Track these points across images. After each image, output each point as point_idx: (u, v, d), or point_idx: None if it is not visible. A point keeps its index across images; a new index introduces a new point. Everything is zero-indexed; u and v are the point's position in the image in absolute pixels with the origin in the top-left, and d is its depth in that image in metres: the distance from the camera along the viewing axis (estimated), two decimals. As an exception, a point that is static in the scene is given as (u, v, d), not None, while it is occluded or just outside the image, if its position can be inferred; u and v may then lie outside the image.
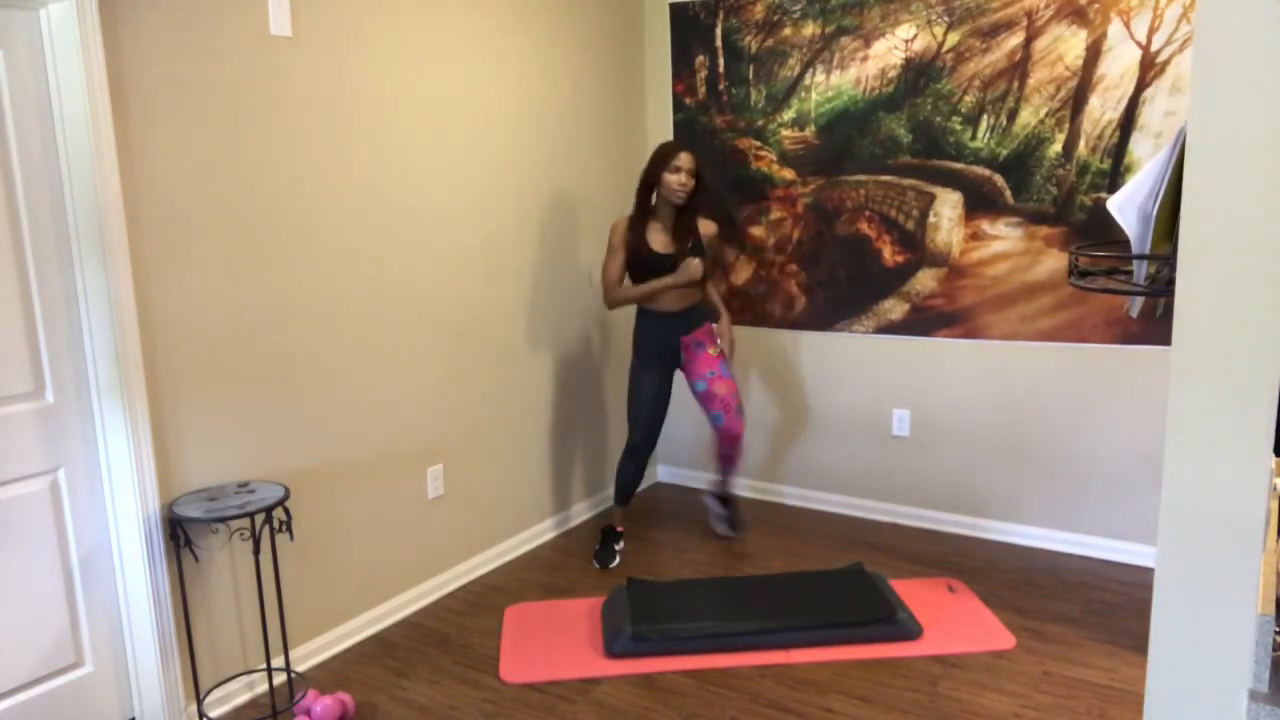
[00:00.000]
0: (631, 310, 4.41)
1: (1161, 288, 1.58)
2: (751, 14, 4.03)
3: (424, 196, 3.26)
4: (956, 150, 3.66)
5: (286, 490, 2.61)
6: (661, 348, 3.62)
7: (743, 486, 4.44)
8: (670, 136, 4.35)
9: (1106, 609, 3.21)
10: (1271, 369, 1.21)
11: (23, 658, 2.40)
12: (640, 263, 3.51)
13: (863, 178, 3.88)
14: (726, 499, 3.94)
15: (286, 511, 2.60)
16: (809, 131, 3.98)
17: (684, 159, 3.43)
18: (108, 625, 2.57)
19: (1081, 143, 3.43)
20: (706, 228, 3.61)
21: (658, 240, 3.53)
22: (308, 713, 2.59)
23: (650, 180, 3.49)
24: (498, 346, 3.64)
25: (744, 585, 3.30)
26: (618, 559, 3.70)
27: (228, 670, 2.76)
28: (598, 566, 3.64)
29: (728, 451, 3.76)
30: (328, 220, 2.93)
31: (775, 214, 4.12)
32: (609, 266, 3.53)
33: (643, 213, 3.53)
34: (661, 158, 3.45)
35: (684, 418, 4.55)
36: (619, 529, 3.75)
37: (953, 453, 3.88)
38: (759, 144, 4.11)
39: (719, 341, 3.69)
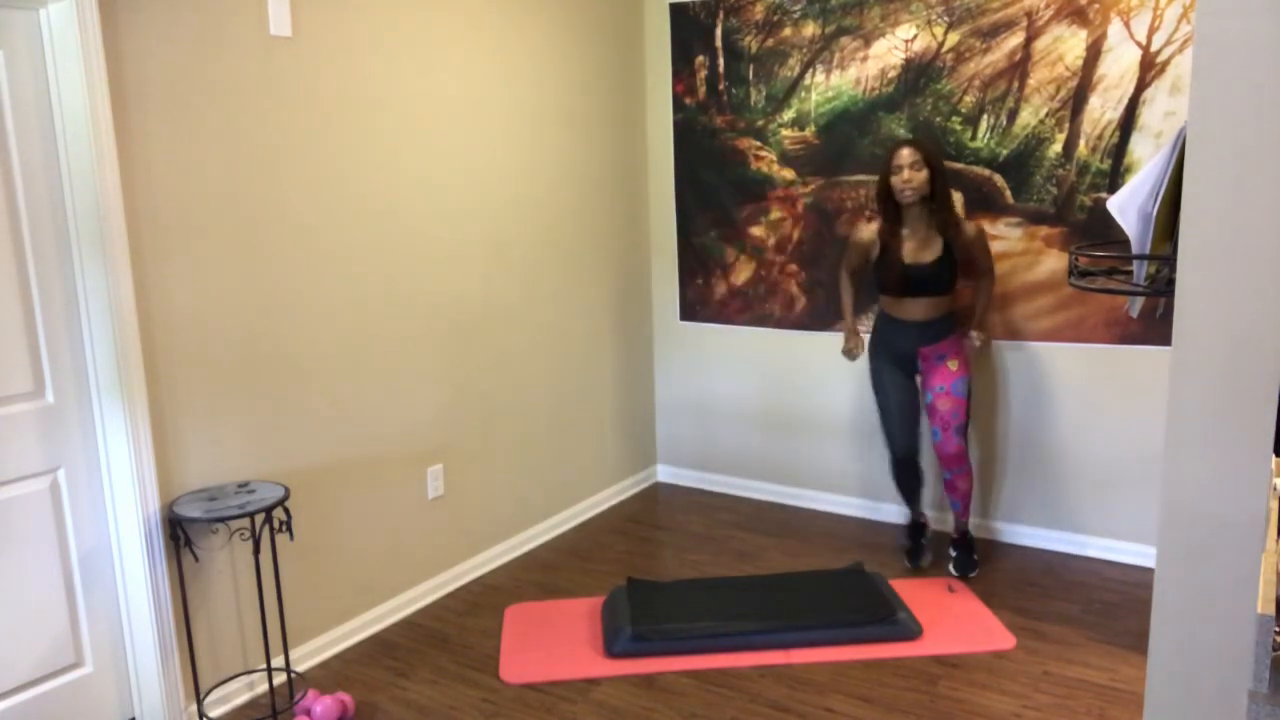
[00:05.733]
0: (624, 312, 4.41)
1: (1161, 288, 1.58)
2: (751, 14, 4.03)
3: (423, 196, 3.26)
4: (956, 150, 3.66)
5: (286, 490, 2.61)
6: (896, 354, 3.45)
7: (746, 486, 4.44)
8: (670, 136, 4.35)
9: (1106, 609, 3.21)
10: (1271, 369, 1.21)
11: (23, 658, 2.40)
12: (891, 275, 3.34)
13: (863, 178, 3.88)
14: (960, 540, 3.56)
15: (286, 511, 2.60)
16: (809, 131, 3.98)
17: (901, 156, 3.23)
18: (108, 625, 2.57)
19: (1081, 143, 3.43)
20: (969, 228, 3.34)
21: (910, 249, 3.32)
22: (308, 713, 2.59)
23: (884, 188, 3.32)
24: (498, 346, 3.64)
25: (744, 585, 3.30)
26: (928, 555, 3.63)
27: (228, 670, 2.76)
28: (909, 565, 3.58)
29: (949, 478, 3.46)
30: (328, 220, 2.93)
31: (775, 214, 4.12)
32: (844, 258, 3.60)
33: (890, 223, 3.35)
34: (885, 162, 3.30)
35: (682, 418, 4.55)
36: (922, 521, 3.65)
37: (953, 453, 3.88)
38: (759, 144, 4.10)
39: (975, 346, 3.40)
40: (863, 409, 4.05)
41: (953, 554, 3.55)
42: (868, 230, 3.44)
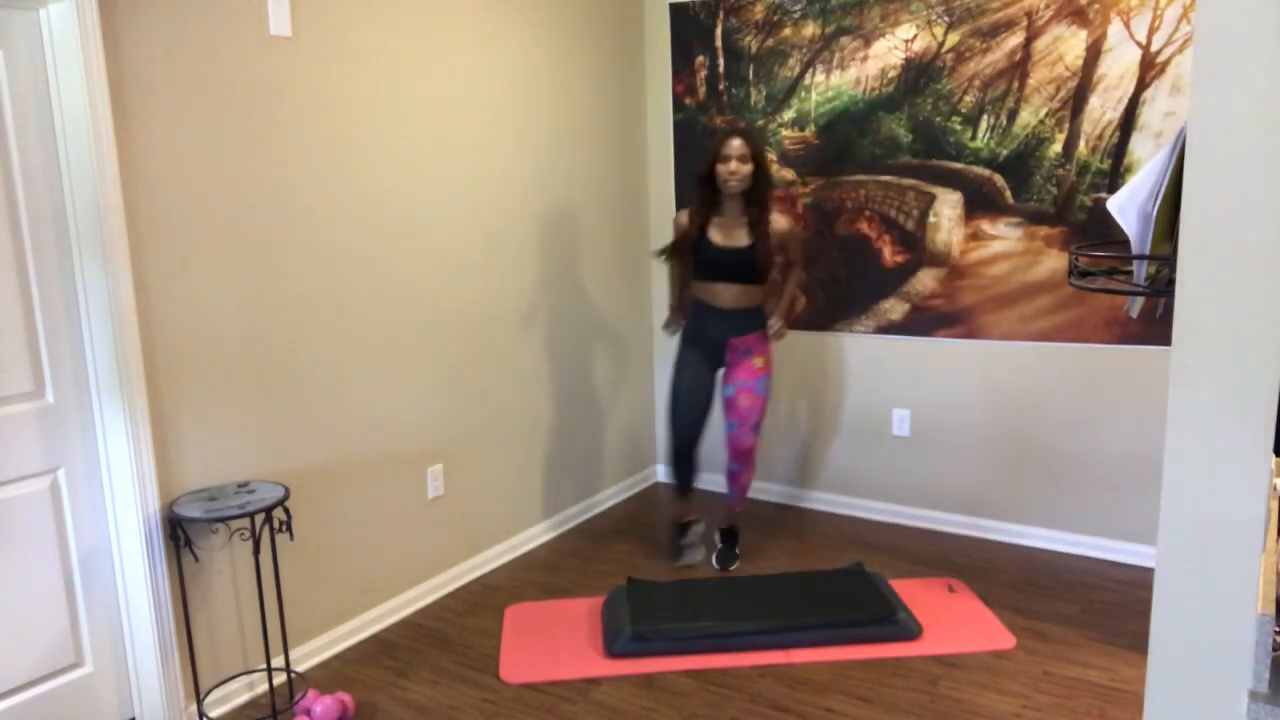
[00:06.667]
0: (624, 313, 4.41)
1: (1161, 288, 1.58)
2: (751, 14, 4.03)
3: (424, 197, 3.26)
4: (956, 150, 3.66)
5: (286, 490, 2.61)
6: (706, 342, 3.47)
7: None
8: (670, 136, 4.35)
9: (1106, 609, 3.21)
10: (1271, 369, 1.21)
11: (23, 658, 2.40)
12: (702, 257, 3.39)
13: (863, 178, 3.88)
14: (729, 531, 3.70)
15: (286, 511, 2.60)
16: (809, 131, 3.98)
17: (732, 145, 3.27)
18: (108, 625, 2.57)
19: (1081, 143, 3.43)
20: (778, 221, 3.40)
21: (719, 234, 3.37)
22: (308, 713, 2.59)
23: (708, 174, 3.36)
24: (498, 347, 3.64)
25: (744, 585, 3.30)
26: (688, 554, 3.68)
27: (228, 670, 2.76)
28: (675, 562, 3.64)
29: (734, 470, 3.57)
30: (328, 220, 2.93)
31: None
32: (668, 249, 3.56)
33: (704, 206, 3.39)
34: (713, 149, 3.34)
35: (684, 418, 4.55)
36: (685, 521, 3.74)
37: (953, 453, 3.88)
38: (759, 144, 4.10)
39: (773, 330, 3.49)
40: (863, 408, 4.05)
41: (718, 544, 3.70)
42: (684, 215, 3.48)
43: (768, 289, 3.52)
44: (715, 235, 3.39)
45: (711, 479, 4.50)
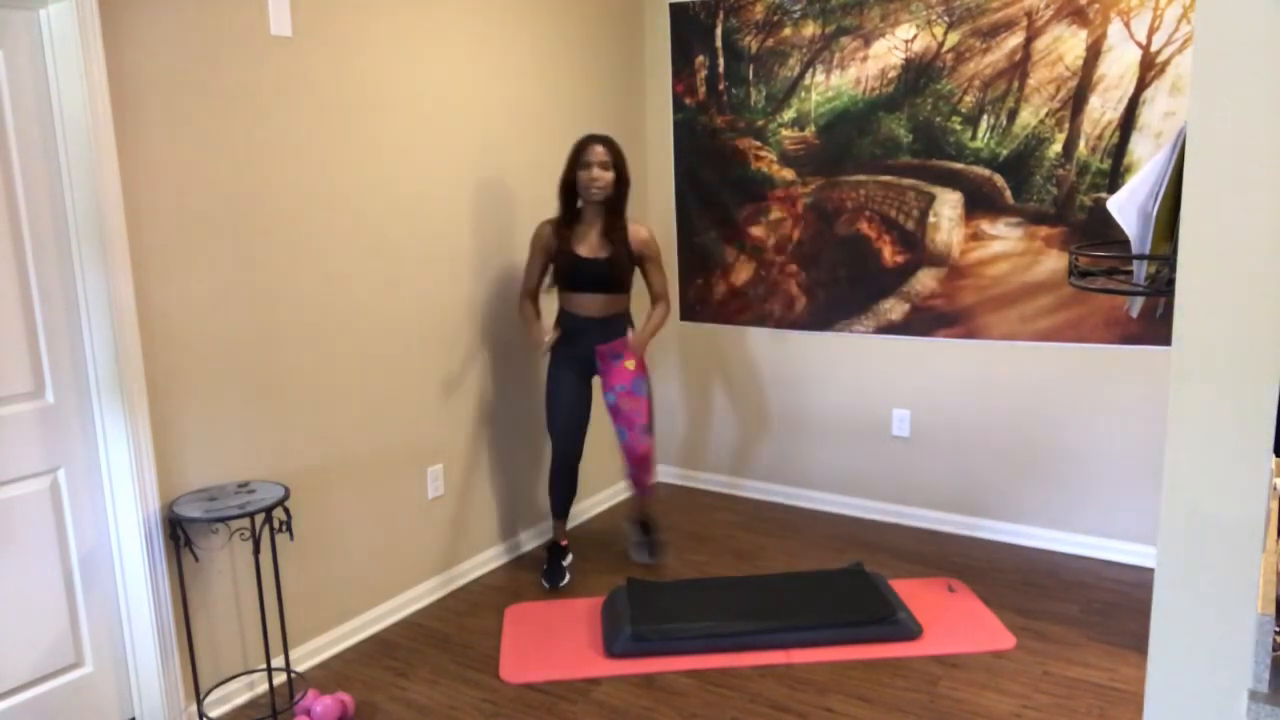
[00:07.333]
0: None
1: (1161, 288, 1.58)
2: (751, 14, 4.03)
3: (425, 196, 3.26)
4: (956, 150, 3.66)
5: (286, 490, 2.61)
6: (575, 354, 3.45)
7: (746, 486, 4.44)
8: (670, 136, 4.35)
9: (1106, 609, 3.21)
10: (1271, 369, 1.21)
11: (23, 658, 2.40)
12: (567, 268, 3.34)
13: (863, 178, 3.88)
14: (645, 524, 3.73)
15: (286, 511, 2.60)
16: (809, 131, 3.98)
17: (593, 153, 3.24)
18: (108, 625, 2.57)
19: (1081, 143, 3.43)
20: (638, 232, 3.38)
21: (585, 245, 3.34)
22: (308, 713, 2.59)
23: (569, 181, 3.31)
24: (498, 346, 3.64)
25: (744, 585, 3.30)
26: (568, 576, 3.56)
27: (228, 670, 2.76)
28: (547, 586, 3.48)
29: (634, 472, 3.56)
30: (328, 220, 2.93)
31: (775, 214, 4.12)
32: (525, 273, 3.47)
33: (568, 216, 3.36)
34: (573, 155, 3.29)
35: (678, 417, 4.55)
36: (563, 543, 3.61)
37: (953, 453, 3.88)
38: (759, 144, 4.10)
39: (628, 339, 3.44)
40: (862, 408, 4.05)
41: (637, 539, 3.71)
42: (547, 227, 3.41)
43: (630, 298, 3.48)
44: (578, 246, 3.35)
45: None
